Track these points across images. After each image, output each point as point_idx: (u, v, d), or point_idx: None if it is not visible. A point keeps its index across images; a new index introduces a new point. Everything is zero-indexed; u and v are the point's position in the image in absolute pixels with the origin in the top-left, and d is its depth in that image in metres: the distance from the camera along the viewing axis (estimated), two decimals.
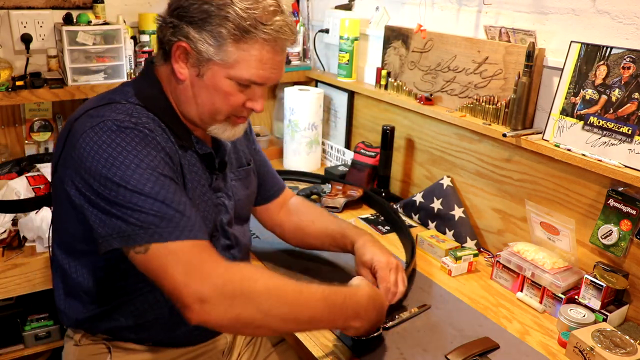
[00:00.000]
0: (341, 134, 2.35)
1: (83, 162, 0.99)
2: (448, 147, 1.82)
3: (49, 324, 1.87)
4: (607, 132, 1.34)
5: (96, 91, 1.99)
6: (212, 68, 1.05)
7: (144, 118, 1.05)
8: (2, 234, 1.64)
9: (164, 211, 0.95)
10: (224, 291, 0.91)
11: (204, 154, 1.16)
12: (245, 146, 1.37)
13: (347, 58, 2.17)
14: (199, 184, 1.16)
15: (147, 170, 0.97)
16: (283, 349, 1.40)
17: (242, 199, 1.32)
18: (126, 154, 0.97)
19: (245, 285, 0.93)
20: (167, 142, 1.07)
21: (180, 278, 0.91)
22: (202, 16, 1.01)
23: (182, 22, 1.03)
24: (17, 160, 1.99)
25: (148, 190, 0.96)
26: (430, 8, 1.85)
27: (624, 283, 1.31)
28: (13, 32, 2.00)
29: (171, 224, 0.95)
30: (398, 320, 1.28)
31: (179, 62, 1.07)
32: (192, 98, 1.09)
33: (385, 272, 1.25)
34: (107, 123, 1.00)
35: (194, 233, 0.96)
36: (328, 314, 1.00)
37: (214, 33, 1.01)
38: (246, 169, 1.34)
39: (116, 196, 0.96)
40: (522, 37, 1.55)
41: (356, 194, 1.93)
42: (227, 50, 1.02)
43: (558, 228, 1.44)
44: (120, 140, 0.98)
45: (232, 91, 1.07)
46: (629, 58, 1.29)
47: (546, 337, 1.30)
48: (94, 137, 0.99)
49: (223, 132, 1.15)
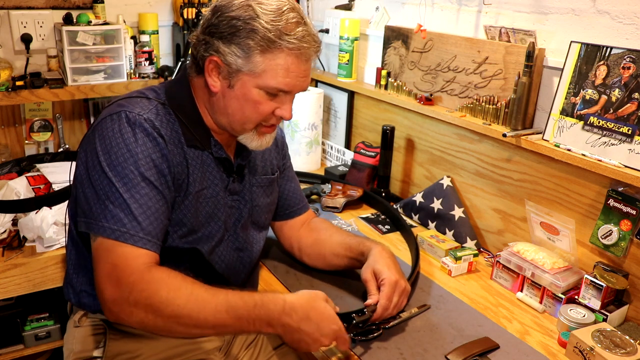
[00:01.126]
0: (341, 134, 2.36)
1: (91, 143, 1.10)
2: (448, 147, 1.82)
3: (49, 324, 1.87)
4: (607, 132, 1.34)
5: (96, 91, 2.00)
6: (241, 79, 1.12)
7: (160, 116, 1.13)
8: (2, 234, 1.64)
9: (120, 210, 1.04)
10: (129, 299, 1.00)
11: (218, 157, 1.22)
12: (274, 157, 1.42)
13: (347, 58, 2.17)
14: (212, 183, 1.22)
15: (130, 167, 1.06)
16: (284, 351, 1.40)
17: (260, 205, 1.35)
18: (122, 146, 1.07)
19: (148, 295, 1.00)
20: (174, 141, 1.14)
21: (102, 277, 1.02)
22: (231, 30, 1.09)
23: (213, 38, 1.11)
24: (17, 160, 1.99)
25: (120, 185, 1.05)
26: (430, 8, 1.85)
27: (624, 283, 1.31)
28: (13, 32, 2.00)
29: (118, 223, 1.03)
30: (398, 321, 1.28)
31: (212, 76, 1.14)
32: (224, 108, 1.16)
33: (390, 290, 1.25)
34: (121, 115, 1.10)
35: (135, 239, 1.03)
36: (233, 322, 1.03)
37: (242, 45, 1.09)
38: (270, 178, 1.38)
39: (97, 179, 1.06)
40: (522, 37, 1.55)
41: (356, 194, 1.93)
42: (254, 61, 1.09)
43: (558, 228, 1.44)
44: (125, 132, 1.08)
45: (261, 100, 1.14)
46: (629, 58, 1.29)
47: (546, 337, 1.30)
48: (108, 124, 1.09)
49: (251, 142, 1.21)
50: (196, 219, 1.19)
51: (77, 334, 1.25)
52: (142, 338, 1.23)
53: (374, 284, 1.27)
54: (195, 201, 1.18)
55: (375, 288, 1.27)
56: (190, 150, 1.17)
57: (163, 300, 1.00)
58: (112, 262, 1.02)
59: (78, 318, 1.26)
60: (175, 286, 1.02)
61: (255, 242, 1.36)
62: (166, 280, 1.02)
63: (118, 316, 1.02)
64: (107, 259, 1.03)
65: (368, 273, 1.30)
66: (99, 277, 1.03)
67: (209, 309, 1.01)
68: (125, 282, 1.01)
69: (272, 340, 1.43)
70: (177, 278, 1.03)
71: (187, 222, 1.17)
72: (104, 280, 1.02)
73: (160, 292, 1.00)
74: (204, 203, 1.20)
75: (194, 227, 1.19)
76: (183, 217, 1.16)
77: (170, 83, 1.24)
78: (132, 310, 1.00)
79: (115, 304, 1.01)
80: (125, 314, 1.01)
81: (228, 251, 1.28)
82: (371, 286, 1.27)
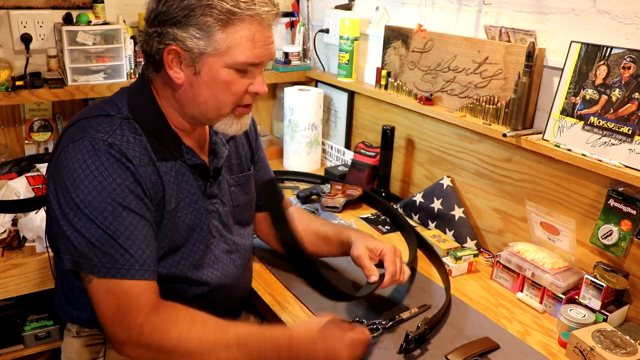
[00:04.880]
0: (341, 134, 2.35)
1: (59, 175, 1.03)
2: (448, 147, 1.82)
3: (49, 324, 1.87)
4: (607, 132, 1.34)
5: (96, 91, 2.00)
6: (207, 61, 1.05)
7: (125, 136, 1.06)
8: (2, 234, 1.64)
9: (108, 245, 0.99)
10: (139, 341, 0.99)
11: (192, 164, 1.17)
12: (247, 151, 1.38)
13: (347, 58, 2.17)
14: (189, 193, 1.16)
15: (107, 199, 1.00)
16: None
17: (241, 204, 1.32)
18: (92, 179, 1.00)
19: (158, 339, 0.99)
20: (144, 161, 1.07)
21: (107, 319, 1.00)
22: (185, 12, 1.02)
23: (166, 27, 1.04)
24: (17, 160, 1.99)
25: (101, 220, 0.99)
26: (430, 8, 1.85)
27: (624, 283, 1.31)
28: (13, 32, 2.00)
29: (111, 260, 0.99)
30: (397, 320, 1.28)
31: (173, 68, 1.07)
32: (194, 98, 1.09)
33: (393, 256, 1.27)
34: (84, 142, 1.02)
35: (132, 273, 1.00)
36: (244, 358, 1.03)
37: (200, 24, 1.02)
38: (246, 175, 1.35)
39: (74, 217, 1.00)
40: (522, 37, 1.55)
41: (356, 193, 1.93)
42: (217, 38, 1.03)
43: (558, 228, 1.44)
44: (91, 163, 1.01)
45: (232, 79, 1.07)
46: (629, 58, 1.29)
47: (546, 337, 1.30)
48: (71, 153, 1.02)
49: (230, 127, 1.15)
50: (177, 234, 1.14)
51: (76, 344, 1.23)
52: None
53: (368, 259, 1.27)
54: (173, 218, 1.13)
55: (370, 261, 1.27)
56: (162, 165, 1.11)
57: (175, 344, 0.99)
58: (114, 304, 0.99)
59: (75, 329, 1.23)
60: (186, 328, 1.00)
61: (245, 239, 1.33)
62: (175, 322, 1.00)
63: (129, 355, 1.01)
64: (108, 301, 1.00)
65: (362, 249, 1.29)
66: (104, 319, 1.00)
67: (220, 348, 1.01)
68: (134, 325, 0.98)
69: None
70: (186, 318, 1.02)
71: (168, 241, 1.12)
72: (110, 323, 0.99)
73: (171, 335, 0.99)
74: (182, 217, 1.15)
75: (175, 244, 1.14)
76: (163, 236, 1.11)
77: (131, 91, 1.15)
78: (143, 352, 1.00)
79: (125, 345, 1.00)
80: (135, 354, 1.00)
81: (219, 256, 1.24)
82: (366, 261, 1.27)
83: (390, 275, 1.24)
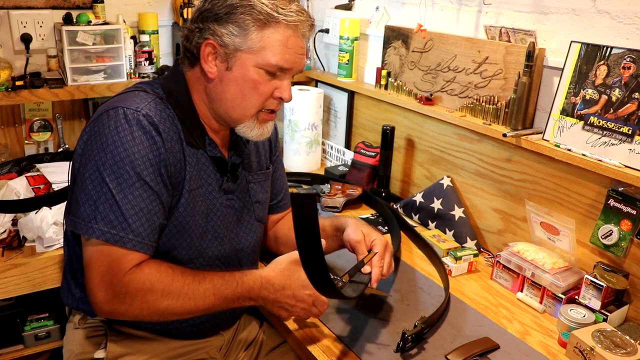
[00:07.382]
0: (341, 134, 2.35)
1: (89, 139, 1.08)
2: (448, 147, 1.82)
3: (49, 324, 1.87)
4: (607, 132, 1.34)
5: (96, 91, 2.00)
6: (240, 58, 1.10)
7: (159, 110, 1.11)
8: (2, 234, 1.64)
9: (110, 211, 1.03)
10: (125, 300, 1.04)
11: (212, 156, 1.20)
12: (267, 151, 1.40)
13: (347, 58, 2.16)
14: (206, 182, 1.20)
15: (126, 167, 1.04)
16: (284, 350, 1.40)
17: (261, 201, 1.35)
18: (118, 145, 1.05)
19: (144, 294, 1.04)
20: (173, 138, 1.12)
21: (95, 276, 1.04)
22: (227, 10, 1.08)
23: (208, 22, 1.10)
24: (17, 160, 1.99)
25: (114, 185, 1.04)
26: (430, 8, 1.85)
27: (624, 283, 1.31)
28: (13, 32, 2.00)
29: (108, 224, 1.03)
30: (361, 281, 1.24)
31: (208, 62, 1.12)
32: (222, 94, 1.14)
33: (383, 251, 1.29)
34: (119, 111, 1.07)
35: (124, 241, 1.04)
36: (220, 303, 1.11)
37: (239, 22, 1.08)
38: (265, 173, 1.37)
39: (88, 177, 1.05)
40: (522, 37, 1.55)
41: (355, 193, 1.93)
42: (253, 37, 1.08)
43: (558, 228, 1.44)
44: (121, 130, 1.05)
45: (261, 80, 1.12)
46: (629, 58, 1.29)
47: (546, 337, 1.30)
48: (105, 120, 1.07)
49: (251, 131, 1.18)
50: (192, 217, 1.17)
51: (78, 335, 1.24)
52: (143, 339, 1.23)
53: (364, 245, 1.29)
54: (192, 198, 1.16)
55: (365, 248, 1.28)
56: (187, 148, 1.15)
57: (158, 297, 1.05)
58: (105, 265, 1.03)
59: (78, 320, 1.25)
60: (168, 282, 1.06)
61: (257, 236, 1.34)
62: (158, 277, 1.06)
63: (111, 315, 1.07)
64: (99, 260, 1.04)
65: (360, 234, 1.30)
66: (92, 278, 1.04)
67: (198, 296, 1.08)
68: (120, 284, 1.03)
69: (272, 340, 1.43)
70: (168, 272, 1.08)
71: (183, 221, 1.16)
72: (97, 282, 1.04)
73: (155, 289, 1.05)
74: (199, 202, 1.18)
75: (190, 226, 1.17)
76: (180, 216, 1.15)
77: (165, 79, 1.21)
78: (128, 308, 1.05)
79: (108, 303, 1.04)
80: (119, 312, 1.05)
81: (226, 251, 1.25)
82: (362, 247, 1.28)
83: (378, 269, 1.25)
